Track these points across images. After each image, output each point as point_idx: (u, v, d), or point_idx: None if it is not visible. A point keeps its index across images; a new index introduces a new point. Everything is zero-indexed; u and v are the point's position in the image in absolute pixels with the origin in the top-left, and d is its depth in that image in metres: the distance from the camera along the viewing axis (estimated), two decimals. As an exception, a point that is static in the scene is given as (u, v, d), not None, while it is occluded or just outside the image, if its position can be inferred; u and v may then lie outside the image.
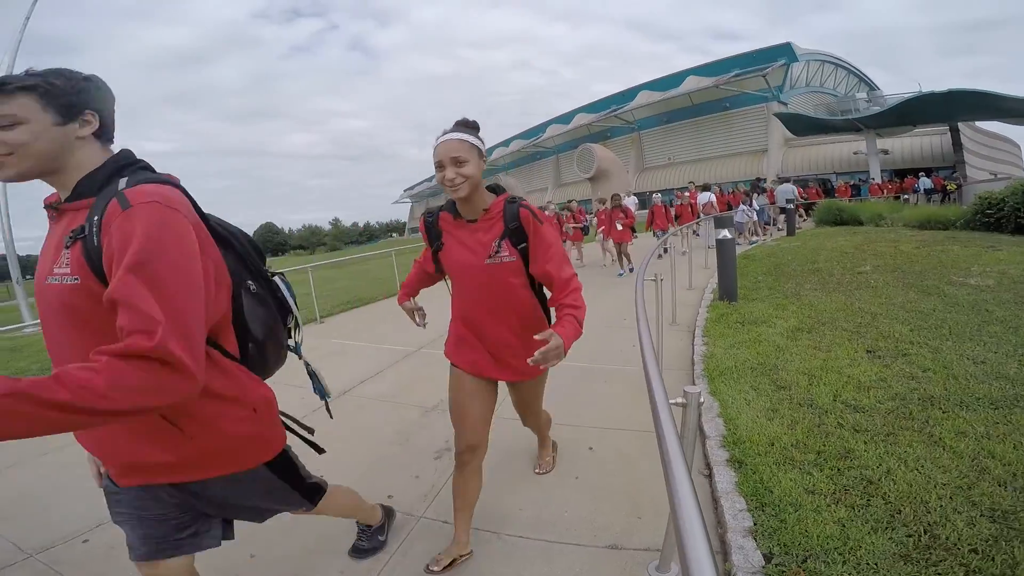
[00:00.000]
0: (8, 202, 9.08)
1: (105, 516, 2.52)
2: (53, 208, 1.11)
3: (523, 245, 1.73)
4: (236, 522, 1.48)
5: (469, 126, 1.68)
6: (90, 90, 1.10)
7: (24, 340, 8.13)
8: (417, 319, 2.09)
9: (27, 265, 15.73)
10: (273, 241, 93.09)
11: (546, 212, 7.74)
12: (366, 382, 4.25)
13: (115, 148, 1.16)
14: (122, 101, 1.17)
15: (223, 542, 1.43)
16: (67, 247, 1.02)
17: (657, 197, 10.94)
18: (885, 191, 21.00)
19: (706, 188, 12.68)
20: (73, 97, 1.06)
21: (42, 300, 1.09)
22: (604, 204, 9.99)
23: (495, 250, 1.71)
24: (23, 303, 10.90)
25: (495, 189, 1.81)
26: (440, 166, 1.62)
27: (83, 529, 2.39)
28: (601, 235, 10.13)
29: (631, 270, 8.88)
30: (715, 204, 11.98)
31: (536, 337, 1.50)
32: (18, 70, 1.11)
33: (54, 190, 1.12)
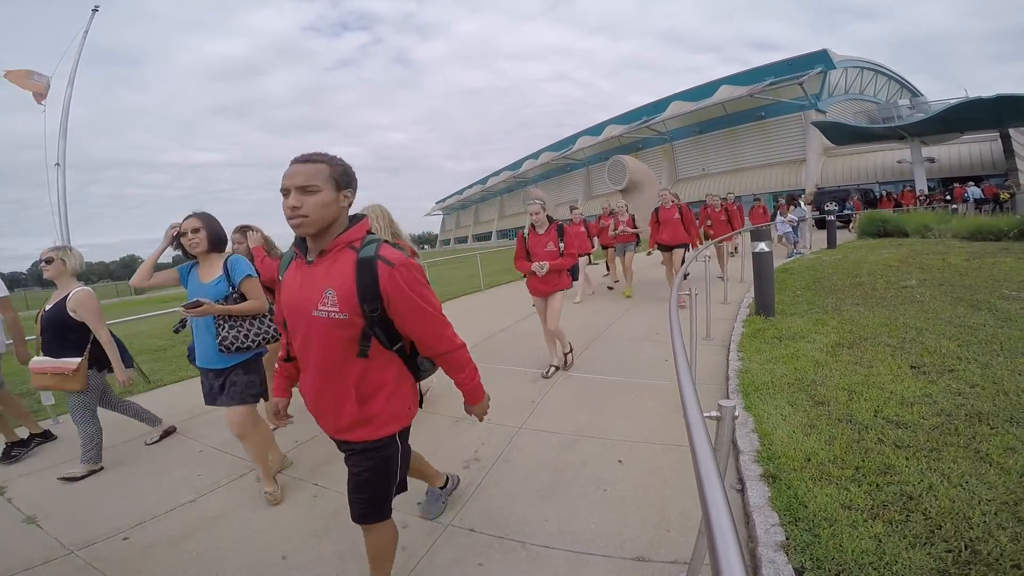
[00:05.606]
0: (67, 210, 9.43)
1: (147, 514, 2.63)
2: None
3: None
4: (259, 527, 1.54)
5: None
6: None
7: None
8: None
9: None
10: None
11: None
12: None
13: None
14: (175, 112, 1.27)
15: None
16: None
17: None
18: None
19: (757, 200, 13.97)
20: None
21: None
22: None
23: None
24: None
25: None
26: None
27: (124, 527, 2.51)
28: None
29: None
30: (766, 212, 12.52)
31: None
32: (79, 78, 1.20)
33: None
